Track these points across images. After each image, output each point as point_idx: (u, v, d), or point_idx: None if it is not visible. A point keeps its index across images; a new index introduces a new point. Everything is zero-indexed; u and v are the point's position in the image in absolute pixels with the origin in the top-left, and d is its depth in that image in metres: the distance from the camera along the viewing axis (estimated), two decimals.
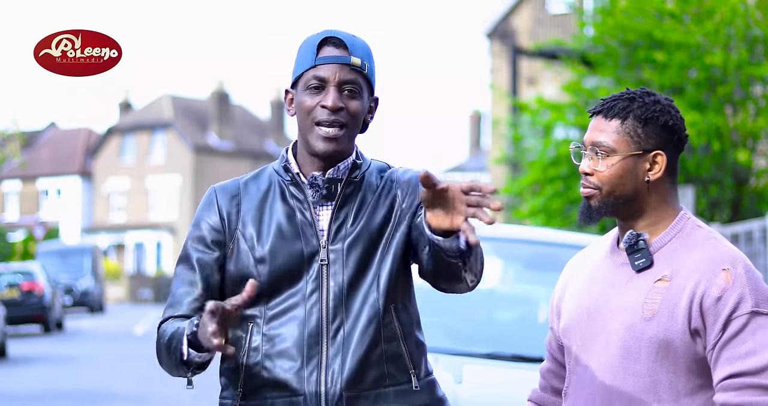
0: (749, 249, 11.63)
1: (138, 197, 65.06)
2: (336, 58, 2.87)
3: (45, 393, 14.49)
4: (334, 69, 2.86)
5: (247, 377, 2.88)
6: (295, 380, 2.84)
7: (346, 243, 2.88)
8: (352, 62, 2.87)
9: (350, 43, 2.89)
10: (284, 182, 2.93)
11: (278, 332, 2.86)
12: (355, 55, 2.88)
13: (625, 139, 2.86)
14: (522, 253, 5.91)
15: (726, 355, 2.75)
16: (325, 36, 2.89)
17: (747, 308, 2.75)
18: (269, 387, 2.86)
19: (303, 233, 2.88)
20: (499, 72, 29.75)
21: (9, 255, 43.21)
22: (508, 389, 4.84)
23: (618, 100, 2.90)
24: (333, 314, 2.86)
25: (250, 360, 2.88)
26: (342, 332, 2.86)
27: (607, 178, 2.86)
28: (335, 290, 2.87)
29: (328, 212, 2.91)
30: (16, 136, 42.89)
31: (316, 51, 2.88)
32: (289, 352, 2.85)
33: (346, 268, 2.88)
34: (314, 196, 2.90)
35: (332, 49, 2.88)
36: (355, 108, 2.88)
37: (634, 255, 2.87)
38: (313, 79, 2.87)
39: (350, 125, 2.88)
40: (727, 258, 2.80)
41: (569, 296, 3.01)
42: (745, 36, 15.64)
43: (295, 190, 2.92)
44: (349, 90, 2.87)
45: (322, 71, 2.86)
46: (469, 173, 59.18)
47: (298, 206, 2.91)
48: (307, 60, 2.88)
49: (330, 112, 2.85)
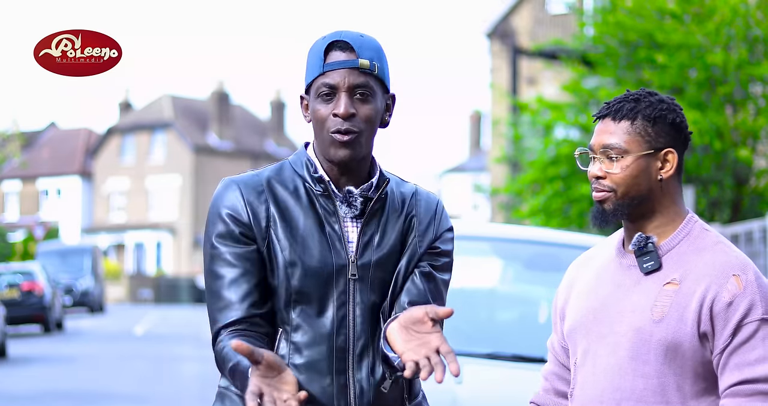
0: (749, 249, 11.63)
1: (138, 197, 65.08)
2: (343, 62, 2.82)
3: (45, 393, 14.49)
4: (342, 75, 2.82)
5: None
6: (323, 395, 2.81)
7: (373, 261, 2.86)
8: (361, 65, 2.82)
9: (357, 44, 2.84)
10: (313, 192, 2.88)
11: (306, 343, 2.82)
12: (363, 56, 2.83)
13: (637, 140, 2.87)
14: (522, 253, 5.90)
15: (735, 361, 2.76)
16: (332, 40, 2.84)
17: (758, 314, 2.76)
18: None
19: (332, 244, 2.84)
20: (499, 72, 29.76)
21: (9, 255, 43.22)
22: (508, 389, 4.85)
23: (624, 102, 2.91)
24: (359, 332, 2.84)
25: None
26: (368, 352, 2.84)
27: (623, 179, 2.86)
28: (362, 307, 2.84)
29: (355, 228, 2.88)
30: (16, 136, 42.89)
31: (324, 57, 2.83)
32: (317, 366, 2.82)
33: (372, 285, 2.86)
34: (349, 213, 2.87)
35: (339, 53, 2.83)
36: (368, 113, 2.84)
37: (643, 258, 2.87)
38: (323, 87, 2.83)
39: (365, 131, 2.84)
40: (738, 264, 2.81)
41: (574, 298, 3.01)
42: (745, 36, 15.65)
43: (325, 201, 2.87)
44: (360, 94, 2.83)
45: (331, 78, 2.82)
46: (469, 173, 59.19)
47: (327, 217, 2.87)
48: (316, 67, 2.84)
49: (342, 120, 2.82)
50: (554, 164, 17.00)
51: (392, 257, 2.89)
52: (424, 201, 2.99)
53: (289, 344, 2.82)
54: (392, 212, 2.92)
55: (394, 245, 2.90)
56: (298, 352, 2.82)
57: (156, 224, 63.71)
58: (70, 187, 67.15)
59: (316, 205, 2.87)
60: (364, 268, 2.85)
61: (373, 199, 2.89)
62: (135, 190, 65.26)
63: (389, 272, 2.88)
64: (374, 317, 2.86)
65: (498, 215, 27.76)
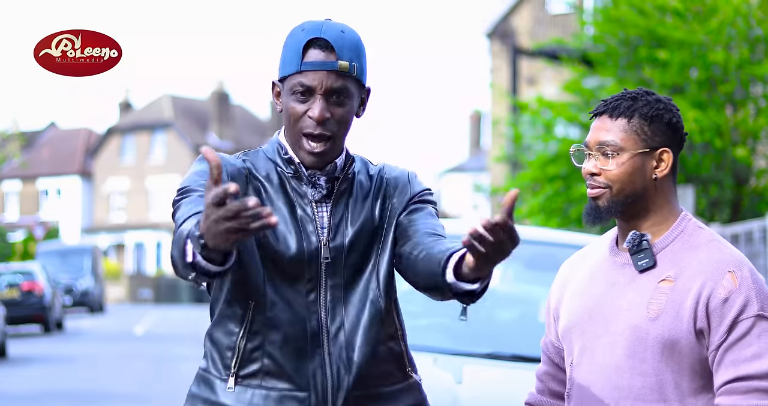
0: (749, 249, 11.63)
1: (138, 197, 65.09)
2: (322, 64, 2.76)
3: (45, 393, 14.48)
4: (320, 77, 2.76)
5: (245, 360, 2.81)
6: (297, 374, 2.80)
7: (346, 241, 2.85)
8: (340, 67, 2.76)
9: (338, 44, 2.77)
10: (285, 175, 2.86)
11: (281, 321, 2.79)
12: (343, 57, 2.77)
13: (633, 138, 2.87)
14: (522, 253, 5.88)
15: (731, 357, 2.76)
16: (312, 37, 2.78)
17: (753, 311, 2.76)
18: (268, 375, 2.81)
19: (304, 228, 2.83)
20: (499, 72, 29.76)
21: (9, 255, 43.23)
22: (508, 389, 4.84)
23: (621, 100, 2.91)
24: (332, 314, 2.83)
25: (249, 344, 2.81)
26: (343, 332, 2.83)
27: (617, 176, 2.87)
28: (334, 289, 2.84)
29: (326, 209, 2.87)
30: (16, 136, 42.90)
31: (302, 53, 2.77)
32: (292, 345, 2.79)
33: (346, 267, 2.85)
34: (315, 194, 2.85)
35: (318, 52, 2.77)
36: (342, 115, 2.80)
37: (638, 256, 2.87)
38: (298, 86, 2.78)
39: (338, 134, 2.81)
40: (733, 261, 2.82)
41: (568, 298, 3.01)
42: (746, 35, 15.65)
43: (296, 183, 2.86)
44: (336, 97, 2.79)
45: (308, 79, 2.77)
46: (469, 173, 59.17)
47: (299, 200, 2.85)
48: (293, 62, 2.79)
49: (316, 123, 2.79)
50: (554, 162, 17.00)
51: (365, 237, 2.87)
52: (393, 174, 2.97)
53: (264, 318, 2.79)
54: (360, 191, 2.90)
55: (365, 224, 2.87)
56: (274, 328, 2.80)
57: (156, 224, 63.70)
58: (70, 187, 67.14)
59: (287, 187, 2.85)
60: (336, 250, 2.83)
61: (339, 179, 2.87)
62: (135, 190, 65.27)
63: (361, 253, 2.86)
64: (348, 298, 2.84)
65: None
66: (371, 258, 2.88)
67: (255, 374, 2.81)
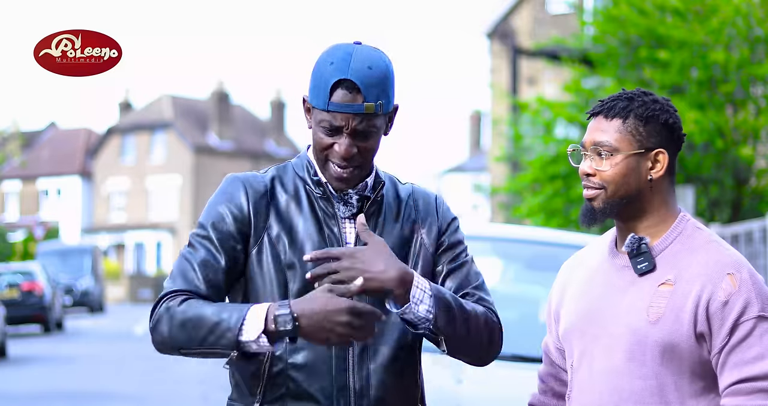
0: (749, 249, 11.63)
1: (138, 197, 65.08)
2: (348, 106, 2.77)
3: (45, 393, 14.48)
4: (346, 119, 2.78)
5: (270, 386, 2.81)
6: (323, 396, 2.79)
7: None
8: (366, 109, 2.78)
9: (365, 84, 2.77)
10: (314, 195, 2.87)
11: (306, 344, 2.78)
12: (369, 98, 2.78)
13: (628, 138, 2.86)
14: (522, 253, 5.91)
15: (734, 359, 2.76)
16: (338, 78, 2.77)
17: (754, 312, 2.76)
18: (294, 399, 2.80)
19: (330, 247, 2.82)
20: (499, 72, 29.77)
21: (9, 255, 43.20)
22: (508, 389, 4.84)
23: (617, 100, 2.91)
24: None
25: (273, 368, 2.80)
26: (369, 352, 2.82)
27: (611, 177, 2.86)
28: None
29: (353, 228, 2.88)
30: (16, 136, 42.91)
31: (330, 93, 2.78)
32: (316, 368, 2.79)
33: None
34: (345, 212, 2.86)
35: (345, 93, 2.77)
36: (369, 147, 2.83)
37: (637, 259, 2.86)
38: (326, 123, 2.80)
39: (366, 162, 2.84)
40: (732, 262, 2.81)
41: (568, 300, 3.01)
42: (747, 36, 15.65)
43: (324, 204, 2.87)
44: (363, 134, 2.81)
45: (335, 119, 2.79)
46: (469, 173, 59.18)
47: (327, 220, 2.86)
48: (321, 98, 2.80)
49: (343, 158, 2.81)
50: (554, 163, 17.01)
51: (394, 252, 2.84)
52: (422, 200, 2.98)
53: (286, 343, 2.77)
54: (389, 213, 2.91)
55: (394, 241, 2.88)
56: (297, 352, 2.79)
57: (156, 224, 63.69)
58: (70, 187, 67.13)
59: (316, 207, 2.87)
60: None
61: (370, 199, 2.89)
62: (135, 190, 65.26)
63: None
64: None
65: (498, 215, 27.76)
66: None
67: (280, 399, 2.81)
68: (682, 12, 15.88)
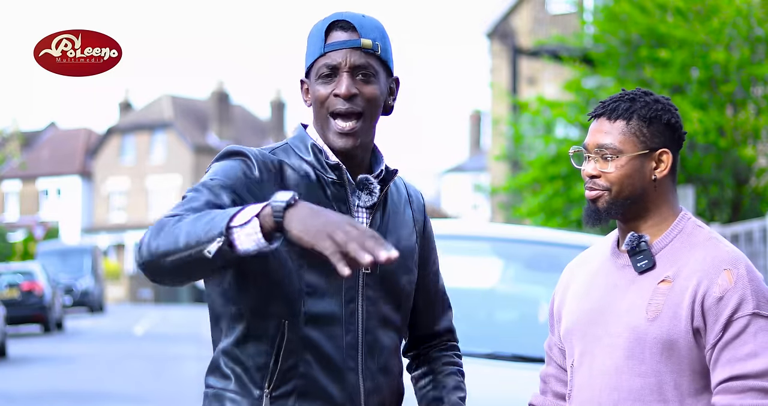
0: (749, 249, 11.63)
1: (138, 197, 65.08)
2: (345, 42, 2.71)
3: (45, 393, 14.48)
4: (344, 54, 2.71)
5: (278, 380, 2.70)
6: (335, 395, 2.72)
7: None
8: (363, 44, 2.71)
9: (359, 24, 2.73)
10: (324, 179, 2.75)
11: (317, 338, 2.70)
12: (366, 36, 2.72)
13: (632, 140, 2.87)
14: (522, 253, 5.90)
15: (726, 356, 2.75)
16: (333, 20, 2.74)
17: (749, 309, 2.75)
18: (303, 395, 2.71)
19: None
20: (499, 72, 29.76)
21: (9, 255, 43.21)
22: (508, 389, 4.84)
23: (619, 101, 2.91)
24: (369, 328, 2.75)
25: (283, 363, 2.69)
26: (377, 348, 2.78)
27: (617, 178, 2.86)
28: (371, 302, 2.76)
29: (365, 218, 2.79)
30: (16, 136, 42.90)
31: (325, 37, 2.73)
32: (330, 363, 2.71)
33: (383, 280, 2.78)
34: (367, 201, 2.77)
35: (341, 33, 2.73)
36: (371, 93, 2.73)
37: (637, 257, 2.87)
38: (324, 68, 2.72)
39: (367, 113, 2.73)
40: (729, 258, 2.81)
41: (570, 300, 3.01)
42: (747, 36, 15.64)
43: (336, 188, 2.75)
44: (363, 74, 2.72)
45: (332, 58, 2.71)
46: (469, 173, 59.17)
47: (339, 206, 2.74)
48: (317, 48, 2.74)
49: (344, 100, 2.71)
50: (554, 163, 17.00)
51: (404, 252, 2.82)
52: (415, 197, 2.97)
53: (298, 336, 2.69)
54: (392, 201, 2.87)
55: (407, 240, 2.85)
56: (308, 347, 2.70)
57: None
58: (70, 187, 67.13)
59: (327, 192, 2.75)
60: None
61: (385, 188, 2.82)
62: (135, 190, 65.26)
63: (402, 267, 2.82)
64: (382, 313, 2.78)
65: (498, 215, 27.76)
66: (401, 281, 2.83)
67: (289, 394, 2.71)
68: (683, 11, 15.87)
